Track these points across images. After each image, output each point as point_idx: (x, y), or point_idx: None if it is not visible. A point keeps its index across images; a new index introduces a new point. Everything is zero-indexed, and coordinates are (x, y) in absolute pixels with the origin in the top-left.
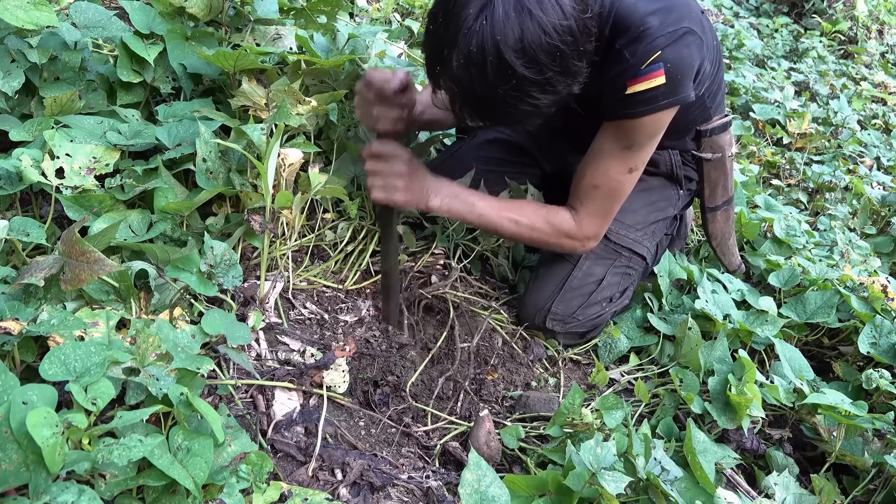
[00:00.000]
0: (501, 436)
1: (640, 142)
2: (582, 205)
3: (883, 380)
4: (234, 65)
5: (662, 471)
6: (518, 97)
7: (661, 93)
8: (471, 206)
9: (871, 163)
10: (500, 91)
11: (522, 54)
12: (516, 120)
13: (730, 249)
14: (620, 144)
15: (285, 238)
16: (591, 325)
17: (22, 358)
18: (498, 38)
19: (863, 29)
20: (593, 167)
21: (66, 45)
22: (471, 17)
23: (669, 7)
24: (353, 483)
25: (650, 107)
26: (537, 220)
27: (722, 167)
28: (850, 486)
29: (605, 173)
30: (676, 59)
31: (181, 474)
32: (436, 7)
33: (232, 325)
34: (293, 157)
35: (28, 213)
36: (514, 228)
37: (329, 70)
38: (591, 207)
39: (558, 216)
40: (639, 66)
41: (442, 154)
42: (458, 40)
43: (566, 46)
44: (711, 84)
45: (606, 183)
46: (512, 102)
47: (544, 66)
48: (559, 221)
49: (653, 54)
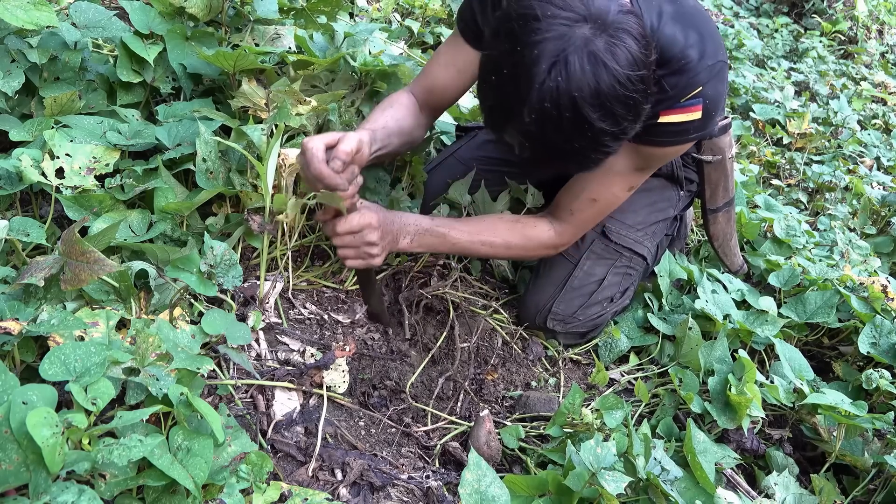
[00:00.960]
0: (501, 436)
1: (652, 166)
2: (572, 215)
3: (883, 380)
4: (233, 65)
5: (662, 471)
6: (592, 147)
7: (694, 127)
8: (442, 237)
9: (871, 163)
10: (573, 143)
11: (599, 108)
12: (583, 166)
13: (731, 250)
14: (634, 165)
15: (285, 238)
16: (591, 325)
17: (22, 358)
18: (575, 94)
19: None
20: (597, 182)
21: (66, 45)
22: (543, 72)
23: (704, 37)
24: (353, 483)
25: (678, 139)
26: (512, 237)
27: (722, 169)
28: (850, 486)
29: (608, 189)
30: (714, 96)
31: (181, 474)
32: (497, 58)
33: (232, 325)
34: (293, 157)
35: (28, 213)
36: (490, 250)
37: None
38: (579, 218)
39: (536, 229)
40: (677, 99)
41: (441, 154)
42: (531, 96)
43: (639, 95)
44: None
45: (606, 199)
46: (584, 152)
47: (620, 117)
48: (536, 234)
49: (694, 89)
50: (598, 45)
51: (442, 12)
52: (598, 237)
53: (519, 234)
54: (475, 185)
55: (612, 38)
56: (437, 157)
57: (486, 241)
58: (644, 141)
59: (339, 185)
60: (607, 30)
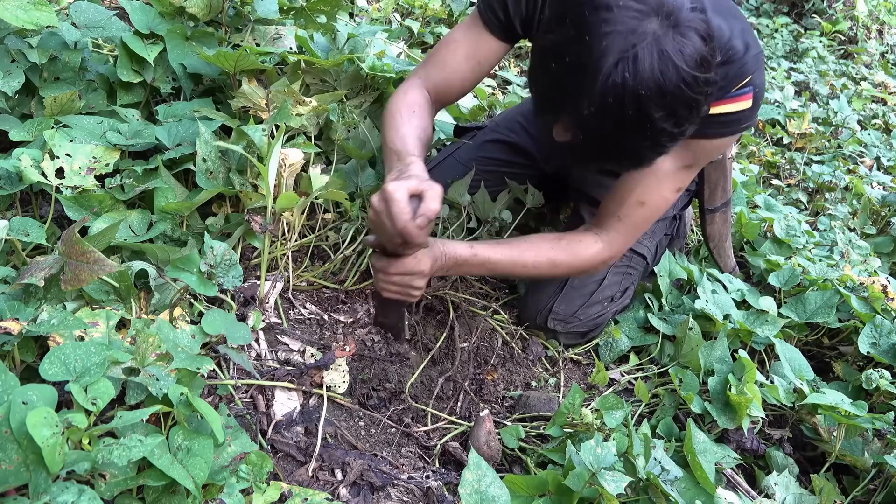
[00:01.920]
0: (501, 436)
1: (700, 162)
2: (620, 221)
3: (883, 380)
4: (234, 65)
5: (662, 471)
6: (649, 146)
7: (745, 116)
8: (482, 264)
9: (871, 163)
10: (632, 141)
11: (663, 108)
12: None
13: (726, 251)
14: (681, 163)
15: (285, 238)
16: (592, 325)
17: (22, 358)
18: (641, 92)
19: (863, 29)
20: (645, 184)
21: (66, 45)
22: (610, 66)
23: (745, 28)
24: (353, 483)
25: (730, 129)
26: (557, 254)
27: (722, 169)
28: (850, 486)
29: (656, 191)
30: (761, 84)
31: (181, 474)
32: (560, 45)
33: (232, 325)
34: (294, 157)
35: (28, 213)
36: (534, 271)
37: (329, 69)
38: (628, 224)
39: (581, 243)
40: (728, 89)
41: (441, 154)
42: (595, 89)
43: (702, 96)
44: None
45: (655, 201)
46: (640, 150)
47: (682, 118)
48: (582, 249)
49: (744, 78)
50: (668, 44)
51: (442, 12)
52: None
53: (564, 250)
54: (475, 185)
55: (683, 37)
56: (437, 157)
57: (528, 261)
58: (696, 135)
59: (422, 243)
60: (678, 27)
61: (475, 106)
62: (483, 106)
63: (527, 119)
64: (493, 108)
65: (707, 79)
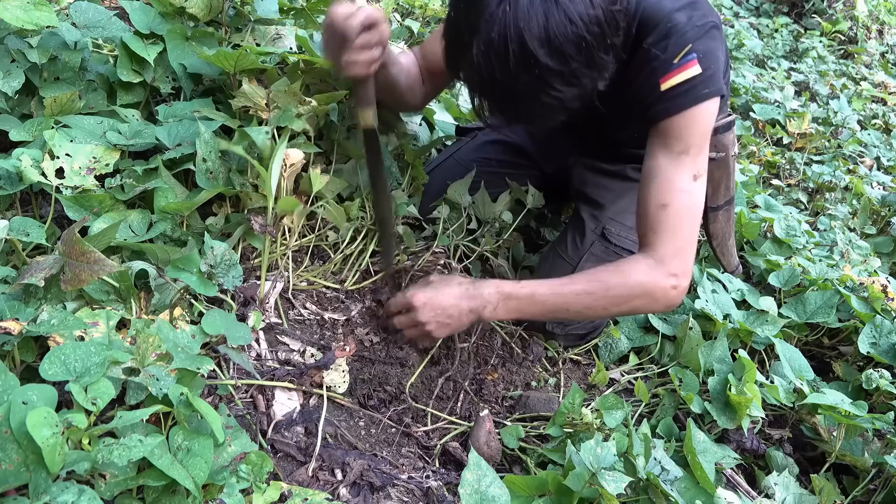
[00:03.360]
0: (501, 436)
1: (693, 142)
2: (656, 233)
3: (883, 380)
4: (234, 65)
5: (662, 471)
6: (540, 89)
7: (700, 82)
8: (529, 298)
9: (871, 163)
10: (521, 82)
11: (546, 44)
12: (537, 114)
13: (729, 250)
14: (674, 151)
15: (285, 238)
16: (591, 327)
17: (22, 358)
18: (521, 25)
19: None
20: (655, 186)
21: (66, 45)
22: (493, 4)
23: (694, 3)
24: (353, 483)
25: (692, 97)
26: (610, 277)
27: (725, 167)
28: (850, 486)
29: (669, 188)
30: (706, 51)
31: (181, 474)
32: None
33: (232, 326)
34: (294, 157)
35: (28, 213)
36: (588, 299)
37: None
38: (667, 233)
39: (630, 262)
40: (671, 61)
41: (441, 155)
42: (480, 27)
43: (592, 38)
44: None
45: (675, 198)
46: (533, 94)
47: (569, 57)
48: (632, 267)
49: (684, 47)
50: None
51: (442, 12)
52: (598, 239)
53: (613, 271)
54: (475, 186)
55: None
56: (437, 157)
57: (580, 289)
58: (661, 115)
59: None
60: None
61: None
62: None
63: None
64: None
65: (597, 19)
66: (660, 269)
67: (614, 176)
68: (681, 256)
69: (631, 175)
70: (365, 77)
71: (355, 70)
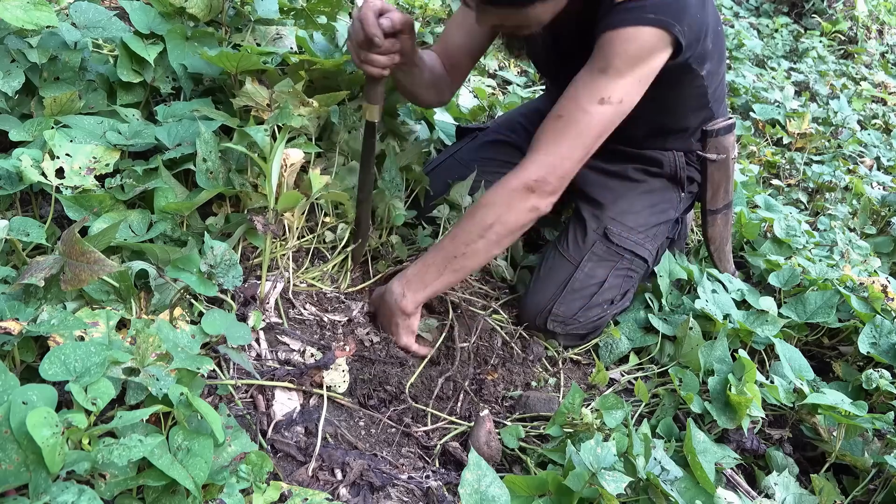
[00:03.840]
0: (502, 435)
1: (614, 63)
2: (536, 141)
3: (883, 380)
4: (236, 65)
5: (662, 471)
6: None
7: (650, 5)
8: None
9: (871, 163)
10: None
11: None
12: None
13: (726, 255)
14: (596, 67)
15: (286, 238)
16: (591, 327)
17: (22, 358)
18: None
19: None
20: (563, 97)
21: (66, 45)
22: None
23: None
24: (353, 483)
25: (634, 16)
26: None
27: (725, 169)
28: (850, 486)
29: (571, 99)
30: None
31: (181, 474)
32: None
33: (232, 326)
34: (294, 157)
35: (28, 213)
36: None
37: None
38: (545, 144)
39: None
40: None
41: (442, 154)
42: None
43: None
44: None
45: (570, 112)
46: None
47: None
48: (504, 182)
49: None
50: None
51: (442, 12)
52: (600, 239)
53: (491, 194)
54: (475, 186)
55: None
56: (437, 157)
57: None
58: (602, 29)
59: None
60: None
61: (475, 106)
62: (483, 106)
63: (528, 120)
64: (494, 107)
65: None
66: (519, 176)
67: (615, 176)
68: (550, 166)
69: (632, 175)
70: (378, 77)
71: (371, 70)
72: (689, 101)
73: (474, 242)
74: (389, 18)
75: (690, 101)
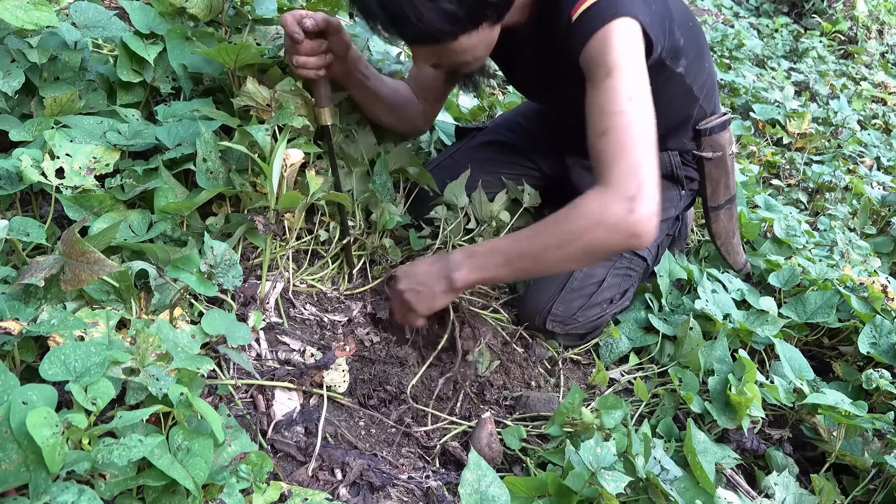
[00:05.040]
0: (503, 436)
1: (612, 63)
2: (602, 163)
3: (883, 380)
4: (235, 60)
5: (662, 470)
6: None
7: (606, 5)
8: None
9: (871, 163)
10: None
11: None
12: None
13: (734, 248)
14: (598, 78)
15: (286, 238)
16: (591, 327)
17: (22, 358)
18: None
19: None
20: (591, 118)
21: (66, 45)
22: None
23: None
24: (353, 483)
25: (599, 19)
26: (560, 214)
27: (723, 166)
28: (850, 486)
29: (603, 115)
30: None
31: (181, 474)
32: None
33: (232, 326)
34: (295, 157)
35: (28, 213)
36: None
37: None
38: (613, 157)
39: (584, 197)
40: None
41: (441, 154)
42: None
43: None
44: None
45: (612, 122)
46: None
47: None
48: (585, 200)
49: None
50: None
51: None
52: None
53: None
54: (472, 186)
55: None
56: (437, 158)
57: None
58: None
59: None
60: None
61: (475, 106)
62: (483, 106)
63: (527, 120)
64: (494, 107)
65: None
66: (610, 193)
67: None
68: (633, 176)
69: None
70: (315, 79)
71: (303, 73)
72: (673, 100)
73: (554, 251)
74: (312, 18)
75: (675, 99)
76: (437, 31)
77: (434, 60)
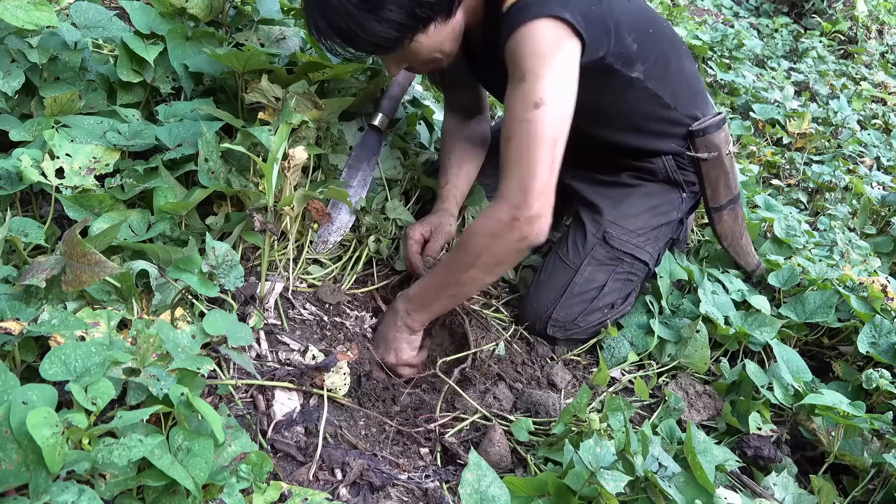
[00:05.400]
0: (511, 429)
1: (527, 66)
2: (503, 170)
3: (882, 379)
4: (244, 65)
5: (660, 467)
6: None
7: (532, 3)
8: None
9: (871, 163)
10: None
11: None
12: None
13: (744, 249)
14: (514, 79)
15: (286, 238)
16: (592, 332)
17: (22, 358)
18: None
19: (863, 29)
20: (503, 121)
21: (66, 45)
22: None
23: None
24: (353, 483)
25: (521, 16)
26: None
27: (721, 166)
28: (850, 486)
29: (511, 119)
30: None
31: (181, 474)
32: None
33: (233, 326)
34: (299, 156)
35: (28, 213)
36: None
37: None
38: (510, 167)
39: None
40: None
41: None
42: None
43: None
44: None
45: (516, 130)
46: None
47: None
48: (480, 218)
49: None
50: None
51: None
52: (600, 243)
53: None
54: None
55: None
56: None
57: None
58: (502, 40)
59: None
60: None
61: None
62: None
63: None
64: (494, 107)
65: None
66: (498, 204)
67: (612, 184)
68: (522, 183)
69: (628, 181)
70: None
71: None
72: (635, 105)
73: (466, 272)
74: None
75: (638, 104)
76: (384, 40)
77: (404, 64)
